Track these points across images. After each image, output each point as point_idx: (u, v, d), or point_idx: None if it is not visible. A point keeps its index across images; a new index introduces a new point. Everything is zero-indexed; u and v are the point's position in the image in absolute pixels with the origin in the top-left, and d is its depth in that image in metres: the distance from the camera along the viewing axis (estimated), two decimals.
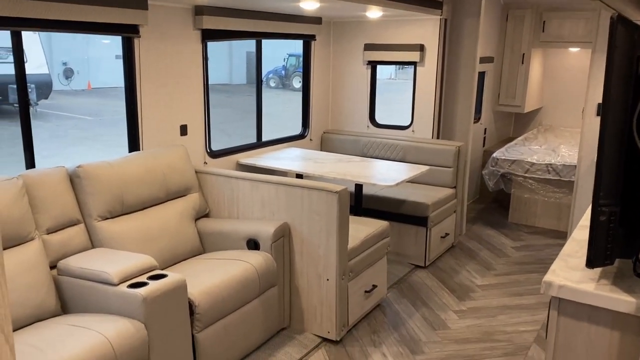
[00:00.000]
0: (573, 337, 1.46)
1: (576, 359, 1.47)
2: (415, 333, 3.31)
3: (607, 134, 1.27)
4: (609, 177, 1.29)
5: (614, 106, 1.26)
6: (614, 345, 1.40)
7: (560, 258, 1.60)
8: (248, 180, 3.30)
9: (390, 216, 4.16)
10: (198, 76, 3.70)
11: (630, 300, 1.35)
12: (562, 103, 6.80)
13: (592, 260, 1.34)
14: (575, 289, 1.41)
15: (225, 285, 2.76)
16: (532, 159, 5.13)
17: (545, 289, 1.46)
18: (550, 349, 1.50)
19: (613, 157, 1.28)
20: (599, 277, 1.46)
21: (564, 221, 5.11)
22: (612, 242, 1.31)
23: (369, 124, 4.97)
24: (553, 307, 1.47)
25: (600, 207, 1.29)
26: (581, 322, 1.43)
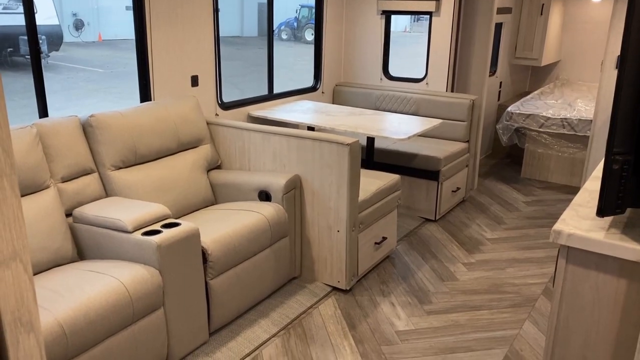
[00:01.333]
0: (580, 285, 1.47)
1: (583, 306, 1.49)
2: (423, 284, 3.36)
3: (625, 82, 1.25)
4: (624, 125, 1.27)
5: (633, 53, 1.23)
6: (621, 292, 1.41)
7: (571, 208, 1.60)
8: (259, 132, 3.30)
9: (401, 170, 4.16)
10: (209, 26, 3.65)
11: (637, 248, 1.35)
12: (581, 56, 6.63)
13: (603, 209, 1.34)
14: (584, 237, 1.41)
15: (238, 234, 2.80)
16: (547, 113, 5.05)
17: (555, 237, 1.46)
18: (557, 296, 1.52)
19: (629, 106, 1.26)
20: (608, 226, 1.46)
21: (577, 177, 5.08)
22: (624, 191, 1.30)
23: (382, 76, 4.90)
24: (562, 256, 1.48)
25: (613, 156, 1.28)
26: (589, 270, 1.44)
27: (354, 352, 2.70)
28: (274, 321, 2.92)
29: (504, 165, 5.77)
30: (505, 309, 3.11)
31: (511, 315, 3.05)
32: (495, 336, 2.86)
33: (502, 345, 2.78)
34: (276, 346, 2.74)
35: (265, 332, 2.83)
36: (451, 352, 2.72)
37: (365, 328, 2.90)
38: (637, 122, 1.29)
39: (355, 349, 2.73)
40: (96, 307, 2.13)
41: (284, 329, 2.88)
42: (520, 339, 2.83)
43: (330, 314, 3.03)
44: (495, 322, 2.98)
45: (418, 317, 3.02)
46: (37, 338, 0.66)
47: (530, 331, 2.90)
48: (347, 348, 2.73)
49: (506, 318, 3.03)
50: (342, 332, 2.87)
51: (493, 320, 3.00)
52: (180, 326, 2.52)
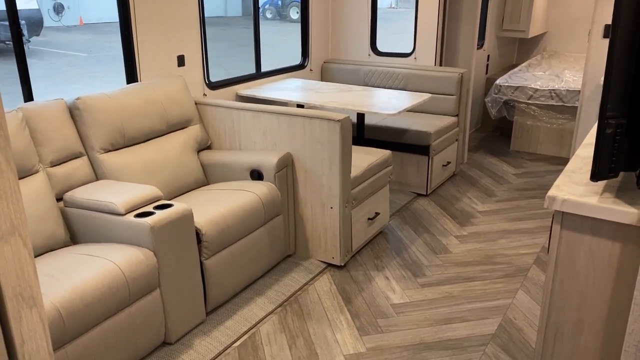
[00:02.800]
0: (575, 250, 1.49)
1: (577, 270, 1.51)
2: (417, 257, 3.39)
3: (617, 47, 1.25)
4: (616, 89, 1.28)
5: (626, 16, 1.23)
6: (615, 255, 1.43)
7: (564, 174, 1.61)
8: (249, 111, 3.27)
9: (392, 145, 4.16)
10: (194, 4, 3.58)
11: (632, 211, 1.37)
12: (568, 27, 6.63)
13: (597, 173, 1.35)
14: (578, 202, 1.43)
15: (231, 214, 2.79)
16: (536, 85, 5.06)
17: (549, 203, 1.47)
18: (552, 262, 1.53)
19: (621, 70, 1.26)
20: (602, 191, 1.47)
21: (565, 148, 5.11)
22: (618, 155, 1.31)
23: (370, 52, 4.86)
24: (556, 221, 1.49)
25: (607, 120, 1.28)
26: (583, 234, 1.46)
27: (351, 326, 2.73)
28: (270, 299, 2.93)
29: (493, 138, 5.79)
30: (498, 280, 3.15)
31: (504, 286, 3.09)
32: (489, 306, 2.90)
33: (496, 314, 2.82)
34: (273, 323, 2.76)
35: (262, 309, 2.84)
36: (446, 323, 2.75)
37: (360, 302, 2.93)
38: (629, 86, 1.29)
39: (351, 323, 2.75)
40: (92, 289, 2.12)
41: (281, 306, 2.89)
42: (514, 308, 2.87)
43: (326, 289, 3.05)
44: (488, 293, 3.02)
45: (412, 289, 3.05)
46: (40, 313, 0.65)
47: (523, 300, 2.94)
48: (343, 322, 2.76)
49: (499, 288, 3.06)
50: (338, 307, 2.89)
51: (486, 291, 3.04)
52: (177, 306, 2.53)
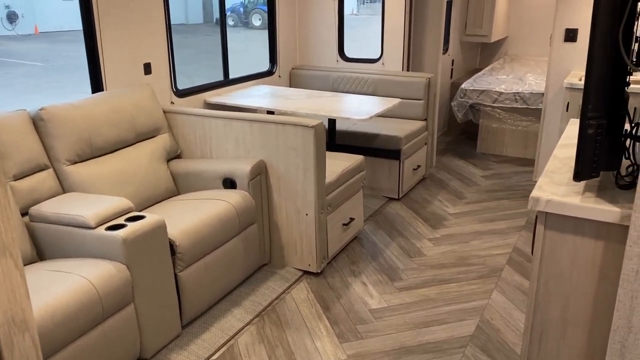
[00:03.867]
0: (558, 250, 1.51)
1: (561, 269, 1.53)
2: (392, 261, 3.39)
3: (596, 46, 1.27)
4: (596, 90, 1.30)
5: (603, 17, 1.25)
6: (598, 254, 1.45)
7: (545, 175, 1.63)
8: (220, 118, 3.22)
9: (363, 150, 4.17)
10: (159, 11, 3.51)
11: (614, 210, 1.40)
12: (528, 32, 6.81)
13: (579, 173, 1.37)
14: (561, 202, 1.44)
15: (205, 224, 2.73)
16: (500, 88, 5.16)
17: (533, 204, 1.49)
18: (536, 262, 1.55)
19: (600, 71, 1.29)
20: (583, 191, 1.50)
21: (530, 149, 5.23)
22: (599, 155, 1.34)
23: (338, 58, 4.87)
24: (540, 222, 1.50)
25: (588, 120, 1.31)
26: (566, 234, 1.48)
27: (330, 334, 2.70)
28: (247, 309, 2.88)
29: (460, 141, 5.88)
30: (473, 281, 3.18)
31: (479, 287, 3.12)
32: (466, 307, 2.92)
33: (473, 315, 2.84)
34: (251, 334, 2.70)
35: (239, 320, 2.79)
36: (425, 326, 2.76)
37: (339, 309, 2.91)
38: (607, 87, 1.31)
39: (331, 331, 2.73)
40: (63, 307, 2.04)
41: (258, 316, 2.85)
42: (490, 309, 2.90)
43: (303, 297, 3.01)
44: (464, 294, 3.05)
45: (390, 294, 3.05)
46: (33, 337, 0.61)
47: (498, 300, 2.98)
48: (322, 330, 2.73)
49: (475, 289, 3.09)
50: (317, 314, 2.86)
51: (462, 292, 3.06)
52: (152, 321, 2.45)
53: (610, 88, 1.32)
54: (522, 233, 3.76)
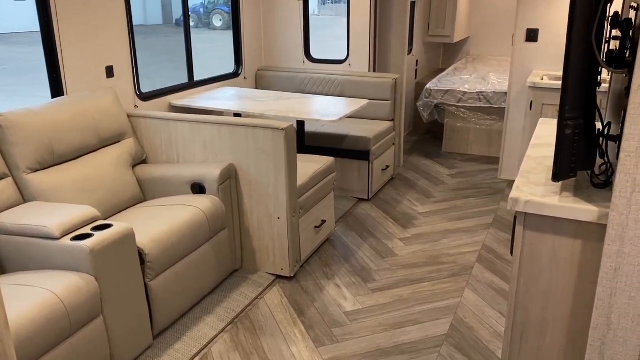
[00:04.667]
0: (538, 250, 1.52)
1: (541, 270, 1.54)
2: (365, 263, 3.39)
3: (573, 48, 1.28)
4: (574, 91, 1.32)
5: (579, 20, 1.27)
6: (577, 253, 1.47)
7: (521, 175, 1.64)
8: (187, 121, 3.15)
9: (332, 152, 4.16)
10: (121, 12, 3.41)
11: (592, 209, 1.42)
12: (489, 32, 6.94)
13: (558, 173, 1.38)
14: (540, 203, 1.46)
15: (175, 231, 2.66)
16: (464, 88, 5.24)
17: (512, 205, 1.50)
18: (516, 262, 1.56)
19: (577, 73, 1.30)
20: (560, 191, 1.51)
21: (494, 147, 5.33)
22: (577, 155, 1.35)
23: (304, 59, 4.84)
24: (519, 223, 1.52)
25: (566, 121, 1.32)
26: (545, 234, 1.49)
27: (306, 339, 2.67)
28: (219, 317, 2.82)
29: (426, 141, 5.94)
30: (445, 279, 3.21)
31: (451, 285, 3.15)
32: (439, 306, 2.94)
33: (447, 314, 2.86)
34: (225, 342, 2.65)
35: (212, 329, 2.73)
36: (400, 327, 2.76)
37: (313, 313, 2.88)
38: (584, 88, 1.33)
39: (306, 335, 2.70)
40: (28, 323, 1.94)
41: (231, 323, 2.79)
42: (463, 307, 2.92)
43: (277, 303, 2.97)
44: (437, 293, 3.07)
45: (364, 295, 3.04)
46: None
47: (470, 298, 3.01)
48: (298, 335, 2.70)
49: (447, 288, 3.12)
50: (291, 319, 2.83)
51: (435, 292, 3.08)
52: (122, 333, 2.37)
53: (585, 89, 1.34)
54: (490, 231, 3.82)
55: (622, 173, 1.28)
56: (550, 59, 4.38)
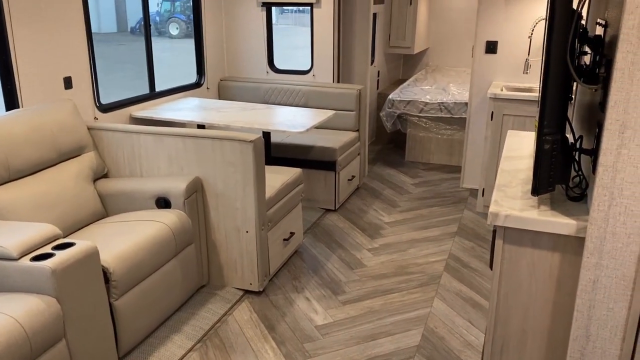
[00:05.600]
0: (517, 263, 1.54)
1: (520, 283, 1.56)
2: (334, 274, 3.37)
3: (552, 65, 1.31)
4: (551, 107, 1.34)
5: (557, 39, 1.29)
6: (555, 266, 1.50)
7: (498, 189, 1.66)
8: (151, 134, 3.06)
9: (298, 163, 4.13)
10: (79, 21, 3.30)
11: (570, 222, 1.44)
12: (447, 44, 7.08)
13: (537, 188, 1.40)
14: (520, 217, 1.47)
15: (140, 247, 2.57)
16: (426, 98, 5.32)
17: (492, 219, 1.51)
18: (496, 276, 1.57)
19: (555, 87, 1.32)
20: (538, 204, 1.54)
21: (455, 156, 5.42)
22: (555, 170, 1.38)
23: (268, 69, 4.81)
24: (498, 237, 1.53)
25: (544, 136, 1.34)
26: (524, 247, 1.51)
27: (277, 355, 2.62)
28: (187, 335, 2.74)
29: (388, 150, 5.99)
30: (414, 289, 3.22)
31: (420, 295, 3.16)
32: (410, 317, 2.94)
33: (418, 325, 2.87)
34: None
35: (180, 347, 2.64)
36: (372, 339, 2.75)
37: (284, 328, 2.84)
38: (561, 102, 1.36)
39: (277, 351, 2.65)
40: None
41: (200, 341, 2.71)
42: (433, 317, 2.94)
43: (247, 318, 2.91)
44: (407, 304, 3.07)
45: (334, 308, 3.02)
46: None
47: (440, 308, 3.03)
48: (269, 351, 2.65)
49: (416, 298, 3.13)
50: (262, 335, 2.77)
51: (405, 302, 3.09)
52: (86, 356, 2.26)
53: (561, 104, 1.37)
54: (456, 239, 3.87)
55: (599, 187, 1.31)
56: (508, 71, 4.49)
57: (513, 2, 4.34)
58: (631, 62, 1.21)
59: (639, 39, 1.19)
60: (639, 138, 1.25)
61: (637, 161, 1.26)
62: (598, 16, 1.69)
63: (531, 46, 4.35)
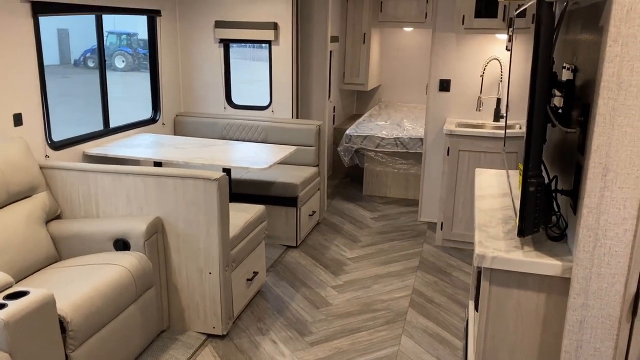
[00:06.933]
0: (503, 304, 1.54)
1: (507, 323, 1.56)
2: (300, 314, 3.29)
3: (536, 109, 1.34)
4: (535, 151, 1.37)
5: (541, 83, 1.33)
6: (541, 306, 1.51)
7: (480, 229, 1.67)
8: (109, 173, 2.93)
9: (259, 199, 4.07)
10: (30, 56, 3.17)
11: (555, 263, 1.46)
12: (398, 80, 7.28)
13: (523, 229, 1.42)
14: (506, 259, 1.48)
15: (99, 293, 2.43)
16: (382, 134, 5.40)
17: (479, 261, 1.51)
18: (483, 318, 1.56)
19: (538, 132, 1.36)
20: (521, 245, 1.55)
21: (411, 190, 5.50)
22: (539, 211, 1.40)
23: (225, 105, 4.76)
24: (485, 278, 1.53)
25: (529, 179, 1.37)
26: (511, 289, 1.52)
27: None
28: None
29: (346, 184, 6.02)
30: (381, 327, 3.19)
31: (388, 332, 3.13)
32: (379, 356, 2.90)
33: None
34: None
35: None
36: None
37: None
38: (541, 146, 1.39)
39: None
40: None
41: None
42: (402, 355, 2.91)
43: None
44: (375, 342, 3.03)
45: (302, 350, 2.94)
46: None
47: (408, 346, 3.00)
48: None
49: (384, 336, 3.10)
50: None
51: (372, 341, 3.05)
52: None
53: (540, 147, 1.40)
54: (418, 273, 3.88)
55: (584, 228, 1.34)
56: (462, 108, 4.64)
57: (464, 42, 4.52)
58: (612, 107, 1.26)
59: (618, 85, 1.25)
60: (621, 181, 1.29)
61: (620, 203, 1.30)
62: (564, 60, 1.76)
63: (483, 84, 4.52)
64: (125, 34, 18.49)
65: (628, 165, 1.28)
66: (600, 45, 1.31)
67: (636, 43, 1.23)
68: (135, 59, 18.22)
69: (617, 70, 1.24)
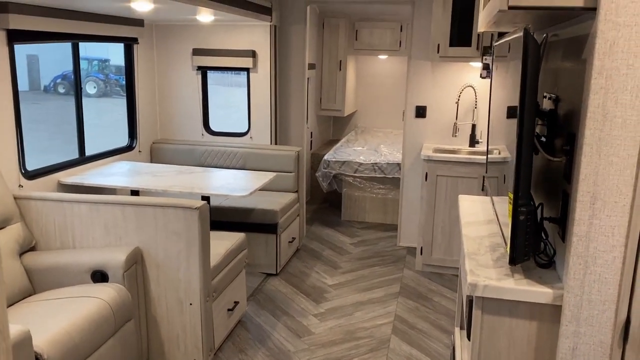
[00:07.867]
0: (495, 333, 1.54)
1: (499, 352, 1.55)
2: (282, 344, 3.24)
3: (525, 138, 1.37)
4: (525, 181, 1.39)
5: (529, 114, 1.36)
6: (533, 334, 1.51)
7: (469, 257, 1.68)
8: (85, 202, 2.87)
9: (238, 226, 4.02)
10: (5, 84, 3.11)
11: (546, 291, 1.47)
12: (374, 106, 7.38)
13: (514, 258, 1.43)
14: (498, 287, 1.49)
15: (77, 328, 2.35)
16: (360, 159, 5.44)
17: (471, 290, 1.51)
18: (475, 346, 1.56)
19: (527, 162, 1.38)
20: (512, 273, 1.56)
21: (389, 215, 5.52)
22: (530, 240, 1.41)
23: (203, 132, 4.74)
24: (477, 307, 1.53)
25: (519, 208, 1.38)
26: (503, 317, 1.52)
27: None
28: None
29: (324, 209, 6.01)
30: (365, 355, 3.15)
31: None
32: None
33: None
34: None
35: None
36: None
37: None
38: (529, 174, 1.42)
39: None
40: None
41: None
42: None
43: None
44: None
45: None
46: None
47: None
48: None
49: None
50: None
51: None
52: None
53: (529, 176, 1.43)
54: (399, 299, 3.87)
55: (574, 256, 1.36)
56: (438, 133, 4.71)
57: (439, 70, 4.61)
58: (598, 138, 1.29)
59: (603, 117, 1.28)
60: (609, 209, 1.32)
61: (608, 231, 1.33)
62: (545, 89, 1.81)
63: (458, 111, 4.61)
64: (97, 60, 18.35)
65: (615, 194, 1.31)
66: (584, 76, 1.35)
67: (619, 76, 1.27)
68: (107, 84, 18.05)
69: (602, 102, 1.28)
